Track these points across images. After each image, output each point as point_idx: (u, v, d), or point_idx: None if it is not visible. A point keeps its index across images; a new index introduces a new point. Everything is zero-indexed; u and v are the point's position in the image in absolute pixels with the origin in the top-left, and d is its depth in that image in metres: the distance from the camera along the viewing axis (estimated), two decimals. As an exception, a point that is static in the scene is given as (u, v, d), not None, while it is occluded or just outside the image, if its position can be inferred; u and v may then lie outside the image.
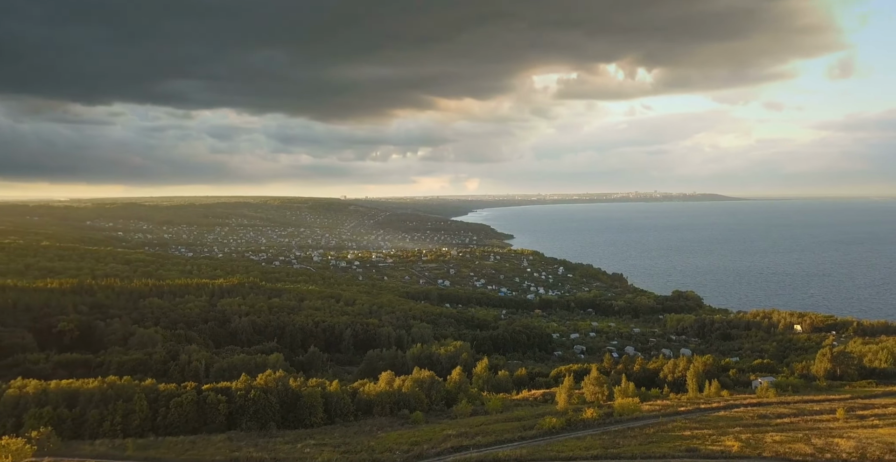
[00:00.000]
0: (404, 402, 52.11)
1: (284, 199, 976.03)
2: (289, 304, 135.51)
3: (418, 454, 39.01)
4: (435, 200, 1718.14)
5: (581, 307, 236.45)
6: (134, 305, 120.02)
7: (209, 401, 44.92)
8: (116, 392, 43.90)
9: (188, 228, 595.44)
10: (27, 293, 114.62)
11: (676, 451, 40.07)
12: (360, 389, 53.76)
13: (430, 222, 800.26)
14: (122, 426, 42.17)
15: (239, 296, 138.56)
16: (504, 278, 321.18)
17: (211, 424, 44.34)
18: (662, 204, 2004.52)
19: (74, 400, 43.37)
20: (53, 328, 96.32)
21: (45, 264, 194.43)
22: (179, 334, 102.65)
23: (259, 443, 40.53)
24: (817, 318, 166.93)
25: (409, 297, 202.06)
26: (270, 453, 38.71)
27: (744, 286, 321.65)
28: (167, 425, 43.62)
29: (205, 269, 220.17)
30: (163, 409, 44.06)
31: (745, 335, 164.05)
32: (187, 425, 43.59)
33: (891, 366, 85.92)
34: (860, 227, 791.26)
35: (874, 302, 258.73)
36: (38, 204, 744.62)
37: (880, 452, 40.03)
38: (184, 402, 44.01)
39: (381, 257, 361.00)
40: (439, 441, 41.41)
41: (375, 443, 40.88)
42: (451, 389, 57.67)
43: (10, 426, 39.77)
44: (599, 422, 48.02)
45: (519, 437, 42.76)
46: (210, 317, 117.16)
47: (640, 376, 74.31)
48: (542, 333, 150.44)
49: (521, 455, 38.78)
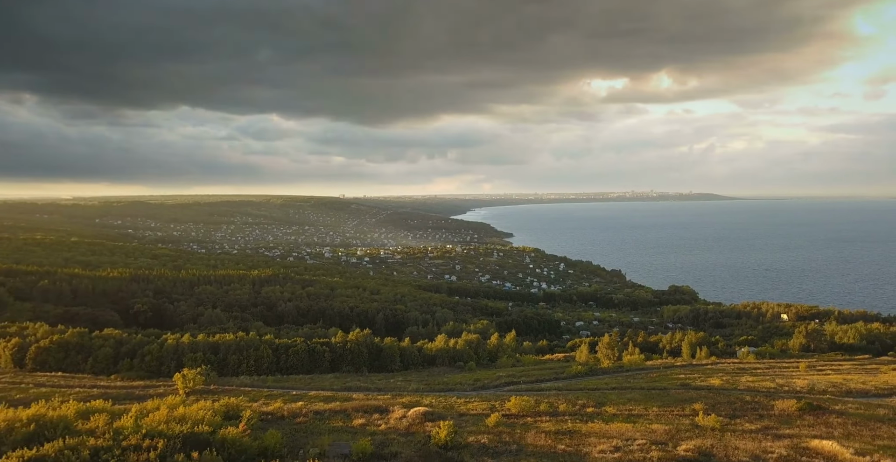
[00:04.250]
0: (458, 356, 65.63)
1: (287, 198, 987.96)
2: (323, 292, 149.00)
3: (481, 386, 52.38)
4: (434, 199, 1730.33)
5: (583, 300, 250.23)
6: (191, 292, 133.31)
7: (317, 350, 58.10)
8: (247, 343, 56.98)
9: (195, 226, 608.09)
10: (97, 281, 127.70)
11: (674, 385, 53.64)
12: (424, 346, 67.30)
13: (432, 221, 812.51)
14: (255, 367, 55.21)
15: (277, 285, 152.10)
16: (508, 274, 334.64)
17: (319, 368, 57.59)
18: (658, 203, 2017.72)
19: (216, 349, 56.35)
20: (130, 309, 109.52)
21: (80, 258, 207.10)
22: (236, 316, 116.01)
23: (359, 378, 53.87)
24: (802, 308, 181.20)
25: (422, 290, 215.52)
26: (370, 384, 52.14)
27: (738, 281, 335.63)
28: (288, 367, 56.79)
29: (228, 264, 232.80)
30: (283, 356, 57.16)
31: (735, 323, 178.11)
32: (302, 367, 56.75)
33: (857, 342, 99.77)
34: (857, 225, 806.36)
35: (860, 295, 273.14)
36: (47, 202, 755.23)
37: (825, 386, 53.65)
38: (299, 350, 57.17)
39: (389, 254, 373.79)
40: (494, 379, 54.83)
41: (447, 379, 54.30)
42: (492, 350, 71.21)
43: (174, 366, 52.96)
44: (614, 370, 61.54)
45: (553, 378, 56.23)
46: (258, 302, 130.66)
47: (642, 346, 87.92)
48: (552, 320, 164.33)
49: (559, 386, 52.34)
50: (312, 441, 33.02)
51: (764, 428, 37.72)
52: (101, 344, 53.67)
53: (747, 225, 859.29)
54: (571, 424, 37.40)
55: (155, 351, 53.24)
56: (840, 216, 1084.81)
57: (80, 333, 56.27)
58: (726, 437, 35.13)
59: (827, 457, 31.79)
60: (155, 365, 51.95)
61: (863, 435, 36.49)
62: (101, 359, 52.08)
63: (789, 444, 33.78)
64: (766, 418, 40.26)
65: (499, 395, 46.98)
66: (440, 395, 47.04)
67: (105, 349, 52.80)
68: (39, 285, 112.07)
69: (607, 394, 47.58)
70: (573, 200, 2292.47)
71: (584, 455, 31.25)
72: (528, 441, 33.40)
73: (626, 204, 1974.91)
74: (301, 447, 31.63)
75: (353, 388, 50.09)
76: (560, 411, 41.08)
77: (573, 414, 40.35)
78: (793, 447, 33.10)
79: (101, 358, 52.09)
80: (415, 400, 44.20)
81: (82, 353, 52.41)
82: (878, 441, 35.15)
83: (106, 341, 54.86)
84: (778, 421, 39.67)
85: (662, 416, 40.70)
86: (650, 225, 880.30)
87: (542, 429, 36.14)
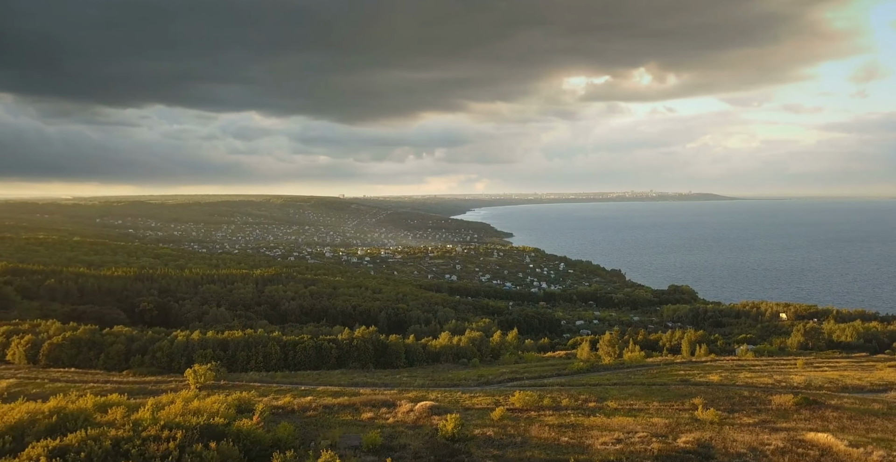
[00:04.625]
0: (462, 353, 66.84)
1: (287, 198, 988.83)
2: (326, 291, 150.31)
3: (485, 381, 53.49)
4: (433, 199, 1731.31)
5: (583, 300, 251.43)
6: (195, 290, 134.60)
7: (324, 346, 59.25)
8: (255, 340, 58.15)
9: (195, 226, 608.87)
10: (102, 280, 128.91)
11: (673, 381, 54.74)
12: (428, 343, 68.53)
13: (432, 221, 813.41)
14: (263, 364, 56.33)
15: (280, 284, 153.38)
16: (508, 273, 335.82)
17: (326, 364, 58.71)
18: (658, 203, 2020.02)
19: (226, 346, 57.49)
20: (136, 308, 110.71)
21: (84, 258, 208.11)
22: (241, 314, 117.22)
23: (365, 374, 54.98)
24: (801, 307, 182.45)
25: (423, 289, 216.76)
26: (377, 379, 53.24)
27: (737, 281, 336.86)
28: (296, 364, 57.89)
29: (230, 263, 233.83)
30: (291, 353, 58.31)
31: (734, 322, 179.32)
32: (310, 364, 57.86)
33: (854, 340, 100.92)
34: (857, 225, 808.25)
35: (858, 295, 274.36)
36: (47, 202, 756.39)
37: (821, 382, 54.73)
38: (306, 347, 58.33)
39: (389, 253, 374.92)
40: (497, 375, 55.93)
41: (451, 375, 55.39)
42: (494, 347, 72.42)
43: (184, 363, 54.07)
44: (615, 367, 62.63)
45: (556, 374, 57.31)
46: (262, 301, 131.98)
47: (642, 344, 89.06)
48: (552, 318, 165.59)
49: (561, 382, 53.45)
50: (323, 433, 34.14)
51: (761, 422, 38.85)
52: (113, 341, 54.87)
53: (747, 225, 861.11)
54: (574, 418, 38.52)
55: (165, 347, 54.41)
56: (839, 216, 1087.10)
57: (92, 330, 57.45)
58: (725, 430, 36.24)
59: (822, 448, 32.89)
60: (165, 361, 53.17)
61: (857, 428, 37.60)
62: (113, 355, 53.26)
63: (786, 436, 34.88)
64: (763, 412, 41.39)
65: (503, 391, 48.10)
66: (445, 391, 48.16)
67: (116, 346, 53.99)
68: (46, 284, 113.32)
69: (609, 389, 48.69)
70: (572, 200, 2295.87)
71: (586, 447, 32.37)
72: (533, 434, 34.53)
73: (625, 204, 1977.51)
74: (312, 439, 32.74)
75: (360, 383, 51.21)
76: (563, 406, 42.22)
77: (576, 408, 41.48)
78: (789, 439, 34.20)
79: (112, 354, 53.27)
80: (421, 395, 45.32)
81: (94, 350, 53.59)
82: (871, 434, 36.27)
83: (117, 338, 56.07)
84: (775, 415, 40.79)
85: (663, 410, 41.83)
86: (650, 225, 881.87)
87: (545, 422, 37.27)
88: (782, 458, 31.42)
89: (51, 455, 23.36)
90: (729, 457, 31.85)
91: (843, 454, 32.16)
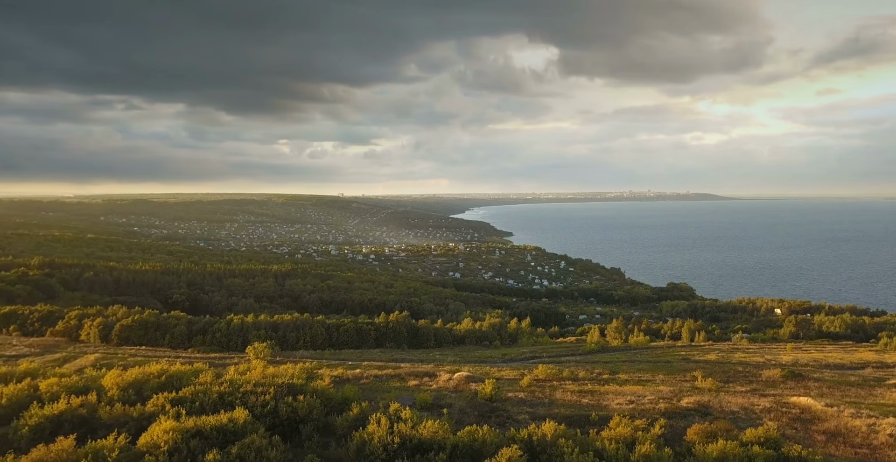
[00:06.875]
0: (484, 336, 73.54)
1: (289, 197, 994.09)
2: (342, 286, 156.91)
3: (510, 359, 60.02)
4: (432, 198, 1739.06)
5: (584, 296, 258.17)
6: (220, 284, 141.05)
7: (363, 328, 65.80)
8: (303, 322, 64.70)
9: (199, 224, 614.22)
10: (135, 273, 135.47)
11: (676, 359, 61.32)
12: (454, 327, 75.32)
13: (432, 220, 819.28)
14: (310, 343, 62.82)
15: (299, 279, 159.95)
16: (510, 271, 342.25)
17: (366, 343, 65.22)
18: (656, 203, 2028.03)
19: (276, 327, 63.97)
20: (169, 299, 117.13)
21: (101, 253, 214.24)
22: (265, 306, 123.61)
23: (402, 352, 61.48)
24: (795, 302, 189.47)
25: (431, 285, 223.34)
26: (413, 356, 59.80)
27: (735, 279, 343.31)
28: (339, 343, 64.28)
29: (241, 260, 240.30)
30: (335, 333, 64.80)
31: (731, 317, 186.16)
32: (351, 343, 64.28)
33: (843, 330, 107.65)
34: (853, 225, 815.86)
35: (853, 292, 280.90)
36: (52, 200, 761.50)
37: (807, 361, 61.32)
38: (348, 328, 64.91)
39: (393, 251, 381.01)
40: (519, 354, 62.44)
41: (478, 354, 61.94)
42: (512, 332, 79.13)
43: (240, 343, 60.44)
44: (622, 349, 69.17)
45: (570, 353, 63.77)
46: (283, 293, 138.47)
47: (645, 331, 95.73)
48: (557, 312, 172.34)
49: (576, 359, 60.03)
50: (380, 395, 40.63)
51: (752, 390, 45.57)
52: (175, 323, 61.17)
53: (746, 225, 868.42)
54: (591, 386, 45.11)
55: (223, 329, 60.72)
56: (837, 216, 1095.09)
57: (156, 314, 63.94)
58: (721, 395, 42.89)
59: (802, 408, 39.53)
60: (224, 341, 59.38)
61: (834, 394, 44.29)
62: (177, 335, 59.53)
63: (772, 400, 41.50)
64: (754, 383, 48.13)
65: (526, 365, 54.66)
66: (475, 365, 54.75)
67: (179, 327, 60.29)
68: (85, 276, 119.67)
69: (619, 365, 55.31)
70: (571, 200, 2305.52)
71: (604, 406, 38.97)
72: (557, 397, 41.08)
73: (624, 204, 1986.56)
74: (372, 399, 39.27)
75: (398, 359, 57.76)
76: (580, 377, 48.83)
77: (592, 379, 48.11)
78: (775, 402, 40.81)
79: (176, 334, 59.54)
80: (455, 368, 51.85)
81: (160, 331, 59.86)
82: (846, 398, 42.93)
83: (178, 321, 62.42)
84: (764, 385, 47.53)
85: (667, 380, 48.50)
86: (649, 225, 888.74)
87: (567, 389, 43.84)
88: (769, 414, 37.95)
89: (171, 403, 29.58)
90: (724, 414, 38.41)
91: (819, 411, 38.74)
